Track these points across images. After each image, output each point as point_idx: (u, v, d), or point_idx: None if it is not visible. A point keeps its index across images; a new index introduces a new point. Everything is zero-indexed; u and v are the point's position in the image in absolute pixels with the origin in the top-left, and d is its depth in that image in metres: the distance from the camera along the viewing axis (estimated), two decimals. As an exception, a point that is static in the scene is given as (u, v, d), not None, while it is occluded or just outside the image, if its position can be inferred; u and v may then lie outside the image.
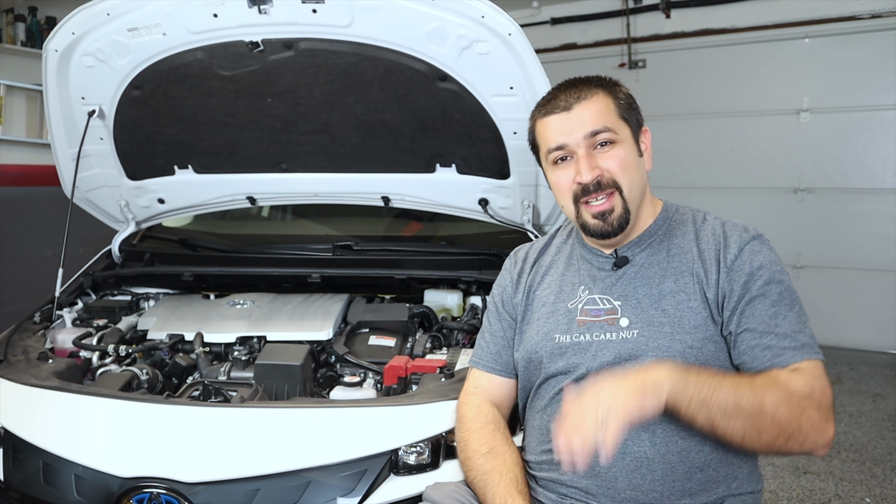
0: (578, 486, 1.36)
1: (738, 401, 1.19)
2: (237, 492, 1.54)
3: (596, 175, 1.38)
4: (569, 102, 1.41)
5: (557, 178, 1.44)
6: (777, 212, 5.21)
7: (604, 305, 1.43)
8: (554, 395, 1.43)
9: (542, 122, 1.46)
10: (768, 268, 1.35)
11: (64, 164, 2.43)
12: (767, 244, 1.40)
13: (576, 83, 1.45)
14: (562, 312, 1.47)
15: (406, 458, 1.61)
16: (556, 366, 1.43)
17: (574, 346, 1.42)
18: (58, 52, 2.12)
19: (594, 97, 1.41)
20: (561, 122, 1.42)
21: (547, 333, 1.46)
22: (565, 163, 1.43)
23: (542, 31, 5.88)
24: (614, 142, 1.40)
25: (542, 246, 1.63)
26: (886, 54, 4.74)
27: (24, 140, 4.24)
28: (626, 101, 1.45)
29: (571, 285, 1.50)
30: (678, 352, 1.32)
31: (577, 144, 1.40)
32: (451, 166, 2.33)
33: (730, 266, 1.36)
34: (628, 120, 1.44)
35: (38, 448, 1.66)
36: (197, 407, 1.71)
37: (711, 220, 1.47)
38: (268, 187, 2.53)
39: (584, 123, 1.39)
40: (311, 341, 2.07)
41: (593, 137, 1.39)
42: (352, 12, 1.92)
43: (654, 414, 1.16)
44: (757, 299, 1.32)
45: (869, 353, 4.91)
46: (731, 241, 1.39)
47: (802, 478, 3.12)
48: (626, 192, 1.40)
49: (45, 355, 2.02)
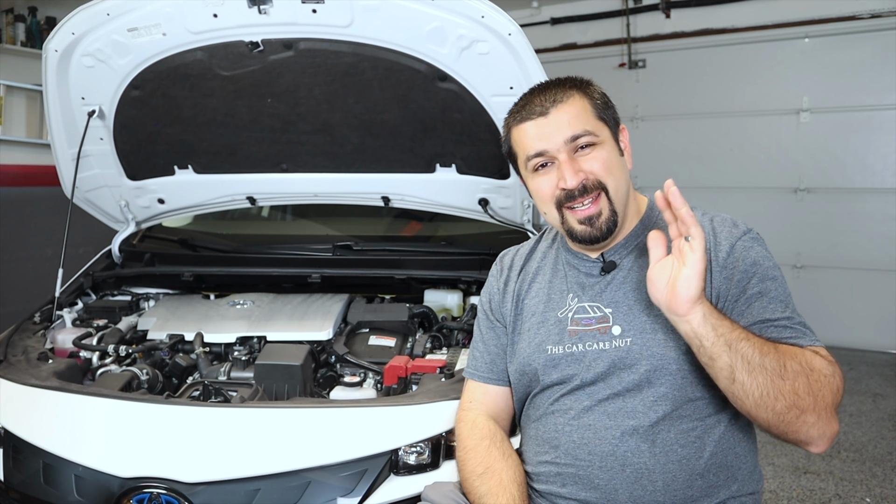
0: (578, 498, 1.35)
1: (762, 357, 1.17)
2: (237, 492, 1.54)
3: (580, 179, 1.34)
4: (545, 107, 1.37)
5: (538, 186, 1.40)
6: (777, 212, 5.21)
7: (594, 314, 1.40)
8: (549, 405, 1.42)
9: (518, 129, 1.41)
10: (762, 264, 1.32)
11: (64, 164, 2.43)
12: (758, 239, 1.37)
13: (549, 86, 1.41)
14: (552, 322, 1.44)
15: (406, 458, 1.61)
16: (550, 378, 1.41)
17: (567, 356, 1.40)
18: (58, 52, 2.12)
19: (570, 99, 1.37)
20: (538, 128, 1.37)
21: (539, 345, 1.44)
22: (546, 169, 1.38)
23: (542, 31, 5.88)
24: (595, 144, 1.36)
25: (528, 251, 1.60)
26: (886, 54, 4.74)
27: (24, 140, 4.24)
28: (602, 101, 1.41)
29: (560, 293, 1.46)
30: (673, 358, 1.31)
31: (558, 150, 1.36)
32: (451, 166, 2.33)
33: (722, 264, 1.33)
34: (606, 120, 1.40)
35: (38, 448, 1.66)
36: (197, 407, 1.71)
37: (699, 216, 1.42)
38: (268, 187, 2.53)
39: (563, 127, 1.35)
40: (311, 341, 2.07)
41: (574, 142, 1.35)
42: (352, 12, 1.92)
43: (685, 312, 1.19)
44: (755, 298, 1.30)
45: (869, 353, 4.91)
46: (721, 238, 1.36)
47: (802, 478, 3.12)
48: (612, 192, 1.36)
49: (45, 355, 2.02)
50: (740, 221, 1.39)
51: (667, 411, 1.30)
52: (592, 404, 1.35)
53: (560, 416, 1.39)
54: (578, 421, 1.36)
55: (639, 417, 1.31)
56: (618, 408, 1.33)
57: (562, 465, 1.37)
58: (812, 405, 1.18)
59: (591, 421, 1.35)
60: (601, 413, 1.34)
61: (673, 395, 1.31)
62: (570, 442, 1.36)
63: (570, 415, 1.37)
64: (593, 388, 1.36)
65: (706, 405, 1.32)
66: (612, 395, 1.34)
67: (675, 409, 1.31)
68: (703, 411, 1.32)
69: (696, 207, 1.44)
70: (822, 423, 1.20)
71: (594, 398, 1.35)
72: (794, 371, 1.18)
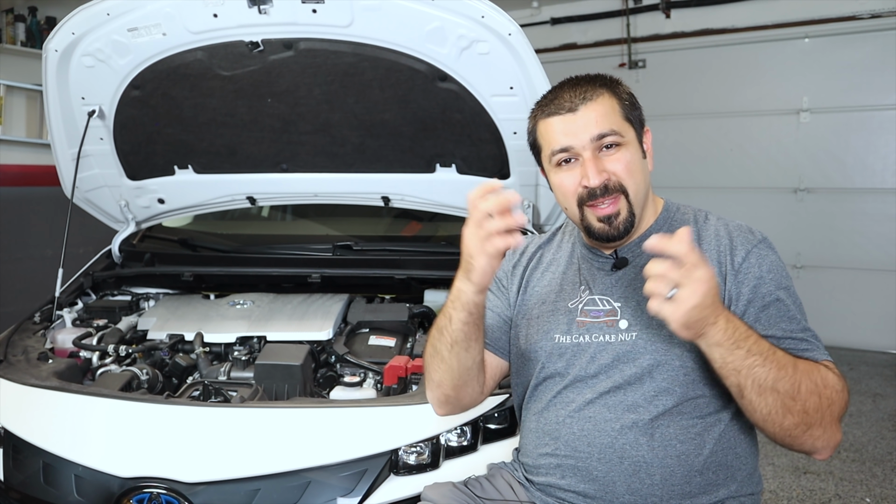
0: (577, 490, 1.35)
1: (776, 381, 1.17)
2: (237, 492, 1.54)
3: (603, 179, 1.35)
4: (574, 103, 1.37)
5: (561, 181, 1.40)
6: (777, 212, 5.21)
7: (604, 306, 1.41)
8: (552, 398, 1.42)
9: (545, 123, 1.41)
10: (777, 272, 1.34)
11: (64, 164, 2.43)
12: (773, 248, 1.38)
13: (579, 82, 1.41)
14: (562, 312, 1.46)
15: (406, 458, 1.61)
16: (554, 366, 1.42)
17: (573, 346, 1.41)
18: (58, 52, 2.12)
19: (599, 98, 1.37)
20: (566, 124, 1.37)
21: (546, 332, 1.45)
22: (569, 165, 1.39)
23: (542, 31, 5.88)
24: (620, 144, 1.37)
25: (545, 241, 1.61)
26: (886, 54, 4.73)
27: (24, 140, 4.24)
28: (629, 102, 1.42)
29: (572, 285, 1.48)
30: (677, 354, 1.31)
31: (583, 147, 1.36)
32: (451, 166, 2.33)
33: (737, 269, 1.34)
34: (632, 121, 1.41)
35: (38, 448, 1.66)
36: (197, 407, 1.71)
37: (714, 220, 1.44)
38: (268, 187, 2.53)
39: (591, 125, 1.36)
40: (311, 341, 2.07)
41: (599, 140, 1.36)
42: (352, 12, 1.92)
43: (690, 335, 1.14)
44: (771, 305, 1.31)
45: (869, 353, 4.91)
46: (737, 244, 1.36)
47: (802, 478, 3.12)
48: (631, 195, 1.37)
49: (45, 355, 2.02)
50: (756, 230, 1.40)
51: (667, 407, 1.31)
52: (594, 397, 1.36)
53: (562, 408, 1.39)
54: (580, 413, 1.37)
55: (639, 411, 1.32)
56: (618, 401, 1.34)
57: (561, 457, 1.37)
58: (820, 420, 1.20)
59: (592, 413, 1.35)
60: (602, 406, 1.35)
61: (674, 390, 1.31)
62: (571, 433, 1.36)
63: (572, 407, 1.38)
64: (595, 380, 1.37)
65: (707, 403, 1.32)
66: (613, 388, 1.34)
67: (677, 405, 1.31)
68: (705, 409, 1.32)
69: (710, 213, 1.46)
70: (827, 435, 1.22)
71: (596, 390, 1.36)
72: (808, 390, 1.19)
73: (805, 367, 1.22)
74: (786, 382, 1.18)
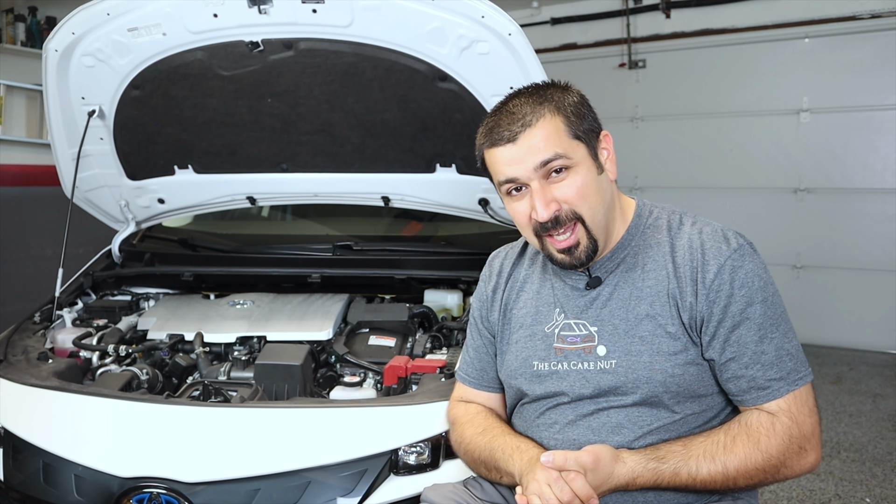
0: None
1: (702, 478, 1.25)
2: (237, 492, 1.54)
3: (553, 211, 1.28)
4: (513, 132, 1.29)
5: (515, 210, 1.35)
6: (777, 212, 5.20)
7: (580, 331, 1.37)
8: (535, 418, 1.42)
9: (490, 153, 1.34)
10: (749, 286, 1.27)
11: (64, 164, 2.43)
12: (749, 255, 1.29)
13: (520, 105, 1.32)
14: (539, 337, 1.42)
15: (406, 458, 1.61)
16: (534, 392, 1.41)
17: (552, 374, 1.38)
18: (58, 52, 2.12)
19: (540, 121, 1.28)
20: (508, 153, 1.30)
21: (525, 360, 1.43)
22: (520, 193, 1.33)
23: (542, 31, 5.88)
24: (569, 167, 1.28)
25: (517, 256, 1.56)
26: (886, 54, 4.73)
27: (24, 140, 4.25)
28: (576, 114, 1.32)
29: (547, 306, 1.44)
30: (659, 381, 1.29)
31: (529, 177, 1.29)
32: (451, 166, 2.33)
33: (708, 287, 1.28)
34: (581, 136, 1.31)
35: (38, 448, 1.66)
36: (197, 407, 1.71)
37: (688, 226, 1.36)
38: (268, 187, 2.53)
39: (534, 153, 1.27)
40: (311, 341, 2.07)
41: (545, 167, 1.28)
42: (352, 12, 1.92)
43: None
44: (741, 325, 1.27)
45: (869, 353, 4.91)
46: (709, 258, 1.29)
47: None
48: (588, 220, 1.30)
49: (45, 355, 2.02)
50: (732, 234, 1.32)
51: (651, 428, 1.31)
52: (576, 419, 1.36)
53: (545, 429, 1.39)
54: (563, 435, 1.36)
55: (623, 433, 1.31)
56: (601, 423, 1.33)
57: None
58: (774, 472, 1.27)
59: (576, 436, 1.34)
60: (585, 428, 1.34)
61: (658, 414, 1.31)
62: None
63: (556, 428, 1.38)
64: (577, 404, 1.36)
65: (696, 418, 1.32)
66: (596, 411, 1.34)
67: (661, 426, 1.31)
68: (693, 423, 1.32)
69: (685, 214, 1.40)
70: (793, 469, 1.27)
71: (578, 413, 1.36)
72: (739, 459, 1.25)
73: (737, 436, 1.27)
74: (714, 470, 1.25)
